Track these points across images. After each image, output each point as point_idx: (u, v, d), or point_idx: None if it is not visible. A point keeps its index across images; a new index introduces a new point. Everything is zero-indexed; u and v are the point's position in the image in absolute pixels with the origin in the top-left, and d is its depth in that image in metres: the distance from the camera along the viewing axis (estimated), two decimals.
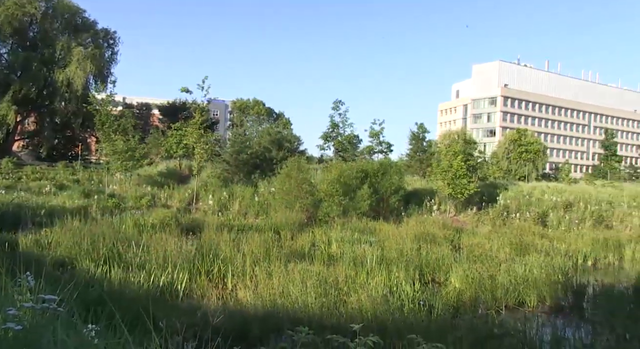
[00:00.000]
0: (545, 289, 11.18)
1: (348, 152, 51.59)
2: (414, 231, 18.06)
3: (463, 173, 26.95)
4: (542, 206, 27.47)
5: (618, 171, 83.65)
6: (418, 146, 51.43)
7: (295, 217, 20.30)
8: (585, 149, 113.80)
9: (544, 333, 8.39)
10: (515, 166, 64.61)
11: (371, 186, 23.93)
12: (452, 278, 11.93)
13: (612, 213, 27.57)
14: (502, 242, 17.12)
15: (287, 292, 9.28)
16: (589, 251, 17.91)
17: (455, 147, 31.96)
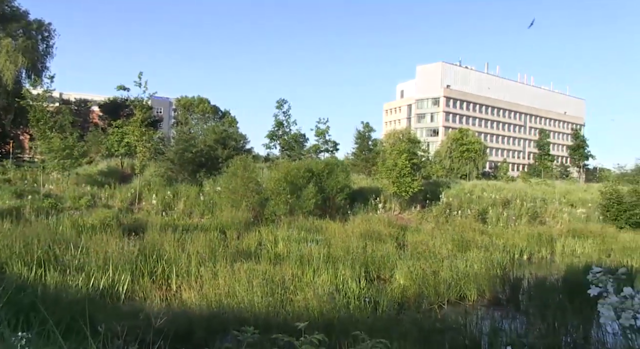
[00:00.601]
0: (485, 284, 11.59)
1: (294, 151, 51.63)
2: (360, 229, 18.28)
3: (407, 172, 27.50)
4: (482, 204, 28.45)
5: (551, 170, 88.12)
6: (364, 145, 52.07)
7: (241, 217, 20.09)
8: (522, 148, 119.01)
9: (483, 325, 8.70)
10: (457, 165, 66.75)
11: (317, 185, 24.03)
12: (397, 275, 12.16)
13: (545, 210, 28.97)
14: (445, 239, 17.57)
15: (233, 292, 9.16)
16: (524, 246, 18.69)
17: (400, 146, 32.57)
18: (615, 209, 26.38)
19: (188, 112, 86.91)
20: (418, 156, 35.11)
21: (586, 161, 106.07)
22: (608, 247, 19.17)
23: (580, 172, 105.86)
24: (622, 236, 21.96)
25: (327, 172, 25.34)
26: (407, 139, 43.56)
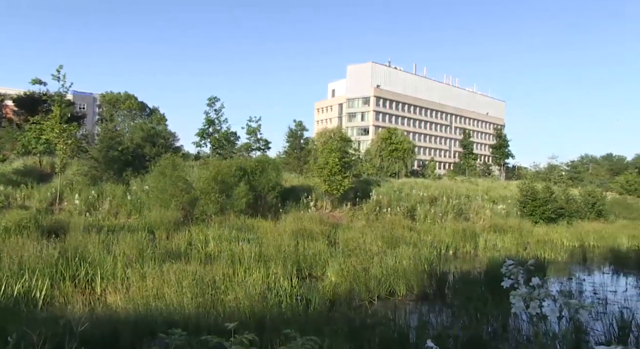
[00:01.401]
0: (413, 279, 11.97)
1: (226, 149, 50.86)
2: (292, 227, 18.31)
3: (338, 170, 27.86)
4: (411, 201, 29.32)
5: (474, 168, 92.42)
6: (296, 143, 52.20)
7: (170, 216, 19.55)
8: (448, 147, 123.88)
9: (411, 319, 8.99)
10: (387, 163, 68.35)
11: (249, 184, 23.84)
12: (329, 272, 12.29)
13: (469, 206, 30.33)
14: (375, 236, 17.90)
15: (161, 294, 8.89)
16: (450, 242, 19.47)
17: (331, 144, 32.94)
18: (531, 205, 28.10)
19: (114, 108, 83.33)
20: (349, 154, 35.65)
21: (506, 159, 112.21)
22: (525, 241, 20.41)
23: (501, 170, 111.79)
24: (536, 230, 23.47)
25: (259, 171, 25.19)
26: (338, 138, 44.17)
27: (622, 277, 15.40)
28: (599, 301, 11.52)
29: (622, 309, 9.81)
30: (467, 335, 7.79)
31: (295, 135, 53.39)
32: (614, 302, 11.46)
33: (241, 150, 54.06)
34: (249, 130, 54.66)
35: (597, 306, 10.88)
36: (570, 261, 18.30)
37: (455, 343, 7.61)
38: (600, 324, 8.77)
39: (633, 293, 13.11)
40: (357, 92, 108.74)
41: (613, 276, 15.66)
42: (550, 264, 16.19)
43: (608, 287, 13.60)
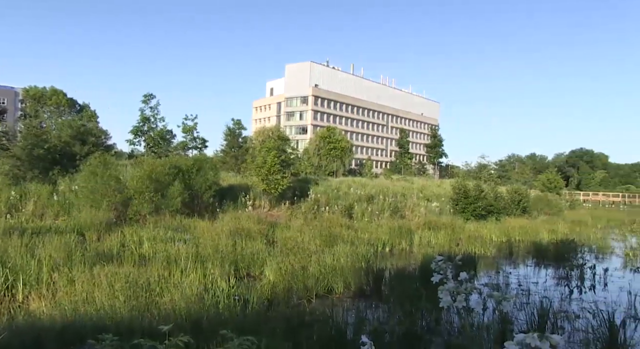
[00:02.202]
0: (351, 276, 12.13)
1: (161, 147, 49.51)
2: (229, 227, 18.07)
3: (277, 169, 27.76)
4: (348, 200, 29.68)
5: (410, 167, 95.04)
6: (234, 142, 51.62)
7: (102, 217, 18.74)
8: (384, 147, 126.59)
9: (349, 316, 9.12)
10: (325, 162, 68.89)
11: (185, 183, 23.31)
12: (267, 271, 12.24)
13: (405, 204, 31.12)
14: (314, 235, 17.93)
15: (92, 298, 8.52)
16: (387, 239, 19.85)
17: (269, 143, 32.79)
18: (462, 202, 29.22)
19: (39, 104, 78.89)
20: (287, 153, 35.63)
21: (440, 159, 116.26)
22: (457, 237, 21.20)
23: (435, 169, 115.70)
24: (468, 226, 24.43)
25: (195, 170, 24.66)
26: (276, 137, 44.00)
27: (542, 269, 16.35)
28: (522, 292, 12.18)
29: (542, 298, 10.46)
30: (402, 330, 8.02)
31: (233, 134, 52.77)
32: (535, 292, 12.15)
33: (177, 149, 52.82)
34: (185, 128, 53.51)
35: (520, 297, 11.51)
36: (498, 255, 19.19)
37: (392, 337, 7.81)
38: (524, 313, 9.27)
39: (551, 283, 13.96)
40: (295, 91, 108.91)
41: (535, 268, 16.59)
42: (480, 259, 16.92)
43: (531, 279, 14.39)
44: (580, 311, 10.22)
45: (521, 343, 1.51)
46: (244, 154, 46.66)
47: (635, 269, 16.53)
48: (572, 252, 18.94)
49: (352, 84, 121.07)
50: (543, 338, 1.53)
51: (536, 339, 1.53)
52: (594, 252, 20.78)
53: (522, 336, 1.55)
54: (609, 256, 19.85)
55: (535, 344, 1.49)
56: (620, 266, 17.32)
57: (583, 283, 13.83)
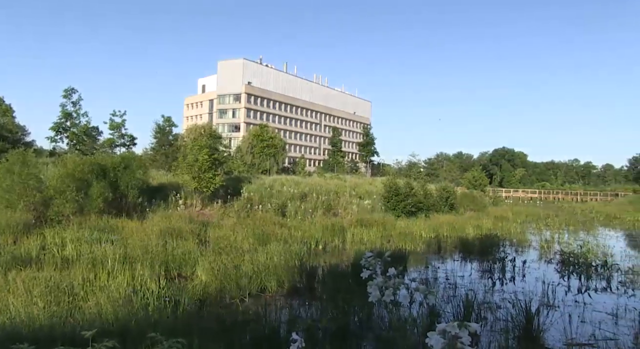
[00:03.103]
0: (284, 275, 12.16)
1: (86, 145, 47.31)
2: (159, 227, 17.58)
3: (209, 167, 27.29)
4: (281, 198, 29.67)
5: (343, 165, 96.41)
6: (164, 139, 50.24)
7: (19, 218, 17.61)
8: (318, 145, 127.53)
9: (282, 315, 9.15)
10: (258, 160, 68.47)
11: (111, 181, 22.40)
12: (199, 271, 12.04)
13: (338, 202, 31.54)
14: (247, 234, 17.86)
15: (6, 306, 7.99)
16: (320, 237, 20.06)
17: (201, 141, 32.14)
18: (394, 200, 30.02)
19: None
20: (220, 151, 35.13)
21: (372, 157, 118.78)
22: (388, 234, 21.76)
23: (367, 167, 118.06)
24: (399, 223, 25.13)
25: (123, 168, 23.73)
26: (208, 134, 43.20)
27: (468, 263, 17.14)
28: (450, 285, 12.72)
29: (467, 291, 10.98)
30: (335, 326, 8.13)
31: (163, 131, 51.33)
32: (461, 285, 12.72)
33: (104, 146, 50.63)
34: (112, 125, 51.38)
35: (448, 290, 12.02)
36: (428, 250, 19.89)
37: (324, 334, 7.91)
38: (451, 306, 9.69)
39: (476, 276, 14.67)
40: (228, 88, 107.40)
41: (462, 262, 17.35)
42: (410, 254, 17.47)
43: (457, 272, 15.04)
44: (501, 302, 10.81)
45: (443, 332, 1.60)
46: (175, 152, 45.49)
47: (549, 260, 17.67)
48: (495, 247, 20.01)
49: (286, 82, 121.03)
50: (462, 326, 1.63)
51: (456, 327, 1.63)
52: (514, 245, 22.01)
53: (444, 325, 1.64)
54: (527, 249, 21.10)
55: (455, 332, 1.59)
56: (536, 258, 18.46)
57: (504, 275, 14.65)
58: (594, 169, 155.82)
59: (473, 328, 1.66)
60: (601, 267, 15.52)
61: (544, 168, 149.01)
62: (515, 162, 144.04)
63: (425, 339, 1.62)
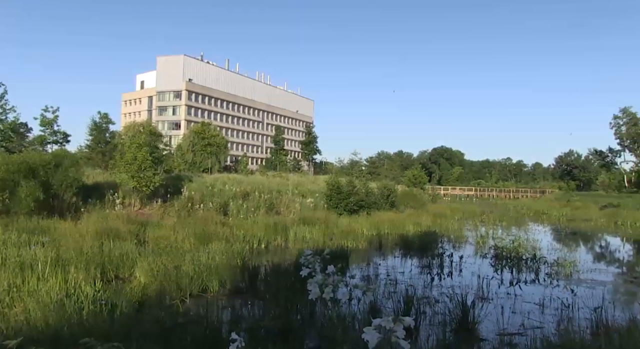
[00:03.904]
0: (226, 274, 12.01)
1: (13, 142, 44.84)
2: (95, 228, 16.90)
3: (148, 165, 26.54)
4: (223, 197, 29.26)
5: (285, 164, 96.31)
6: (100, 137, 48.41)
7: None
8: (260, 143, 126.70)
9: (224, 315, 9.02)
10: (200, 159, 67.22)
11: (41, 180, 21.32)
12: (138, 273, 11.70)
13: (280, 200, 31.49)
14: (187, 233, 17.56)
15: None
16: (262, 235, 19.95)
17: (140, 139, 31.20)
18: (336, 198, 30.30)
19: None
20: (160, 149, 34.25)
21: (315, 155, 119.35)
22: (331, 232, 21.93)
23: (310, 165, 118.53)
24: (341, 221, 25.39)
25: (54, 166, 22.62)
26: (148, 132, 41.99)
27: (408, 259, 17.58)
28: (390, 281, 13.00)
29: (407, 287, 11.26)
30: (278, 325, 8.12)
31: (99, 128, 49.40)
32: (402, 281, 13.03)
33: (34, 143, 48.09)
34: (43, 121, 48.85)
35: (389, 286, 12.28)
36: (369, 248, 20.23)
37: (267, 333, 7.88)
38: (391, 302, 9.90)
39: (416, 272, 15.09)
40: (168, 85, 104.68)
41: (402, 258, 17.78)
42: (352, 252, 17.70)
43: (398, 269, 15.40)
44: (439, 296, 11.16)
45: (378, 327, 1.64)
46: (112, 150, 43.89)
47: (483, 255, 18.43)
48: (434, 243, 20.65)
49: (228, 79, 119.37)
50: (397, 320, 1.67)
51: (391, 322, 1.67)
52: (452, 241, 22.79)
53: (379, 320, 1.68)
54: (464, 245, 21.90)
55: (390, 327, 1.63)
56: (472, 253, 19.20)
57: (442, 270, 15.14)
58: (524, 167, 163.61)
59: (407, 322, 1.72)
60: (530, 260, 16.35)
61: (479, 167, 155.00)
62: (453, 161, 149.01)
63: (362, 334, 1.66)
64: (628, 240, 27.43)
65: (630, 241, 26.95)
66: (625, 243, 26.30)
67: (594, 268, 16.42)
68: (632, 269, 17.16)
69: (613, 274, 16.03)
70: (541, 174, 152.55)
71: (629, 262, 19.46)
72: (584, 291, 12.40)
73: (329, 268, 2.30)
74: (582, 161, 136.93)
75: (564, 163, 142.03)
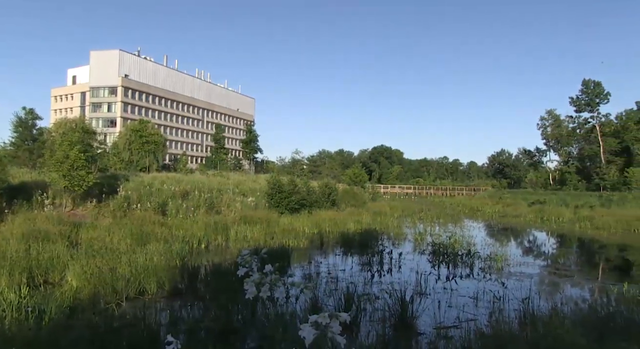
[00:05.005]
0: (165, 275, 11.69)
1: None
2: (21, 230, 16.01)
3: (81, 164, 25.40)
4: (162, 196, 28.48)
5: (226, 162, 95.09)
6: (27, 134, 45.86)
7: None
8: (200, 142, 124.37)
9: (162, 317, 8.79)
10: (137, 157, 65.20)
11: None
12: (69, 276, 11.17)
13: (221, 200, 31.04)
14: (124, 234, 17.05)
15: None
16: (202, 235, 19.58)
17: (72, 136, 29.80)
18: (277, 197, 30.22)
19: None
20: (94, 147, 32.90)
21: (256, 154, 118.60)
22: (272, 231, 21.84)
23: (251, 164, 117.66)
24: (282, 220, 25.36)
25: None
26: (80, 129, 40.17)
27: (349, 257, 17.79)
28: (332, 279, 13.12)
29: (348, 284, 11.39)
30: (218, 325, 8.00)
31: (25, 124, 46.71)
32: (343, 279, 13.18)
33: None
34: None
35: (330, 284, 12.39)
36: (311, 246, 20.31)
37: (207, 334, 7.75)
38: (333, 299, 9.99)
39: (357, 269, 15.30)
40: (102, 80, 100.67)
41: (343, 256, 17.96)
42: (294, 250, 17.71)
43: (339, 266, 15.55)
44: (379, 292, 11.37)
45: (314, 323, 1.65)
46: (40, 148, 41.69)
47: (422, 251, 18.95)
48: (374, 240, 21.04)
49: (166, 76, 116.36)
50: (333, 316, 1.69)
51: (327, 318, 1.69)
52: (391, 239, 23.29)
53: (315, 317, 1.69)
54: (403, 242, 22.44)
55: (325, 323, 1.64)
56: (411, 249, 19.70)
57: (382, 267, 15.44)
58: (460, 166, 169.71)
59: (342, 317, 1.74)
60: (466, 256, 16.98)
61: (418, 165, 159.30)
62: (393, 160, 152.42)
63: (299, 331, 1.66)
64: (552, 234, 29.10)
65: (554, 235, 28.61)
66: (550, 237, 27.88)
67: (523, 262, 17.28)
68: (555, 262, 18.19)
69: (539, 266, 16.93)
70: (476, 173, 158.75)
71: (553, 255, 20.61)
72: (513, 284, 13.02)
73: (266, 267, 2.28)
74: (512, 160, 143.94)
75: (496, 162, 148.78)
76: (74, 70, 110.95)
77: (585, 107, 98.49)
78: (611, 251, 22.08)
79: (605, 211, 39.07)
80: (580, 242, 25.33)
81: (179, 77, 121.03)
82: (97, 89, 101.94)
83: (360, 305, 9.52)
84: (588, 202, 47.12)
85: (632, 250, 22.20)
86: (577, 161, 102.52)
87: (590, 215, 35.24)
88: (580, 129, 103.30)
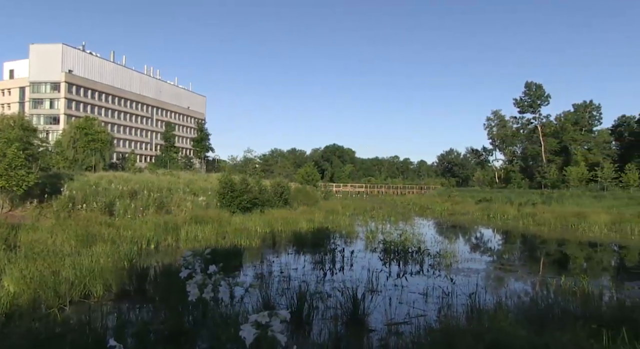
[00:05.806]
0: (112, 277, 11.33)
1: None
2: None
3: (21, 163, 24.29)
4: (109, 196, 27.62)
5: (176, 161, 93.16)
6: None
7: None
8: (149, 140, 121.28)
9: (109, 320, 8.52)
10: (82, 156, 62.88)
11: None
12: (6, 281, 10.63)
13: (171, 199, 30.42)
14: (68, 236, 16.45)
15: None
16: (152, 236, 19.08)
17: (10, 134, 28.40)
18: (229, 196, 29.90)
19: None
20: (34, 145, 31.51)
21: (207, 153, 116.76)
22: (224, 230, 21.55)
23: (202, 163, 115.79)
24: (234, 219, 25.09)
25: None
26: (19, 126, 38.29)
27: (302, 255, 17.83)
28: (284, 278, 13.09)
29: (301, 283, 11.41)
30: (168, 327, 7.83)
31: None
32: (295, 278, 13.18)
33: None
34: None
35: (282, 283, 12.36)
36: (263, 245, 20.20)
37: (157, 336, 7.58)
38: (285, 298, 9.98)
39: (309, 268, 15.34)
40: (43, 75, 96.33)
41: (295, 255, 17.98)
42: (246, 250, 17.58)
43: (292, 265, 15.55)
44: (332, 291, 11.44)
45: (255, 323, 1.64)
46: None
47: (373, 249, 19.21)
48: (326, 239, 21.15)
49: (113, 72, 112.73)
50: (272, 315, 1.69)
51: (266, 317, 1.69)
52: (343, 237, 23.47)
53: (255, 316, 1.69)
54: (355, 240, 22.67)
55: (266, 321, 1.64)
56: (363, 247, 19.94)
57: (334, 265, 15.56)
58: (411, 165, 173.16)
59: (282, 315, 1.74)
60: (416, 253, 17.36)
61: (370, 164, 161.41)
62: (345, 159, 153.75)
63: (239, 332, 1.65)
64: (498, 231, 30.22)
65: (499, 232, 29.72)
66: (496, 234, 28.93)
67: (470, 258, 17.85)
68: (501, 257, 18.90)
69: (486, 262, 17.53)
70: (426, 172, 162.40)
71: (498, 251, 21.39)
72: (461, 279, 13.42)
73: (210, 267, 2.25)
74: (461, 159, 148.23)
75: (445, 161, 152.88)
76: (12, 63, 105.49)
77: (528, 109, 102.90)
78: (551, 246, 23.17)
79: (546, 208, 40.88)
80: (523, 238, 26.42)
81: (127, 73, 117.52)
82: (37, 84, 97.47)
83: (312, 303, 9.55)
84: (531, 200, 49.14)
85: (569, 244, 23.38)
86: (521, 160, 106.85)
87: (533, 212, 36.80)
88: (524, 130, 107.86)
